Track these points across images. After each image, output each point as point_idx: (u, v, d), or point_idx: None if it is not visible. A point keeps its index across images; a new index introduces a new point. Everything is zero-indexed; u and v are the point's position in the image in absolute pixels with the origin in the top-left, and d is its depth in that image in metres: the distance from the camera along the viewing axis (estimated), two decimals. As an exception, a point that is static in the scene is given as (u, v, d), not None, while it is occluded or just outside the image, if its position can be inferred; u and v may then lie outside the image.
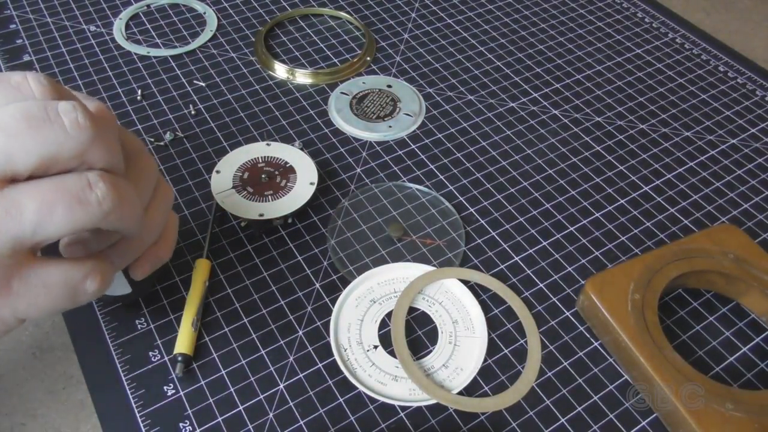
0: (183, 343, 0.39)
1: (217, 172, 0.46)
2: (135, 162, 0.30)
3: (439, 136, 0.54)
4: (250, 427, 0.36)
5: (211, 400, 0.37)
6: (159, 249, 0.34)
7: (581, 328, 0.42)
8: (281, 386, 0.38)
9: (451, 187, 0.50)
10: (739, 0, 0.74)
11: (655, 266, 0.41)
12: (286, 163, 0.47)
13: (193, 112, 0.54)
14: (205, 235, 0.45)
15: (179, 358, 0.38)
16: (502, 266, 0.45)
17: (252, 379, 0.38)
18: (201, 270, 0.42)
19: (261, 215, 0.44)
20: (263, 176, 0.46)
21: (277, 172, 0.47)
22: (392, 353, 0.40)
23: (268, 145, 0.49)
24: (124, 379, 0.38)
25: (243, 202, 0.45)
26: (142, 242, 0.32)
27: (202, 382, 0.38)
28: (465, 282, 0.43)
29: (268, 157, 0.48)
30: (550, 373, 0.40)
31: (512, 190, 0.50)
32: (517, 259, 0.45)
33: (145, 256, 0.33)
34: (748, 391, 0.37)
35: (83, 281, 0.27)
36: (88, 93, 0.55)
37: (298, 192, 0.46)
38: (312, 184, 0.46)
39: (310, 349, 0.40)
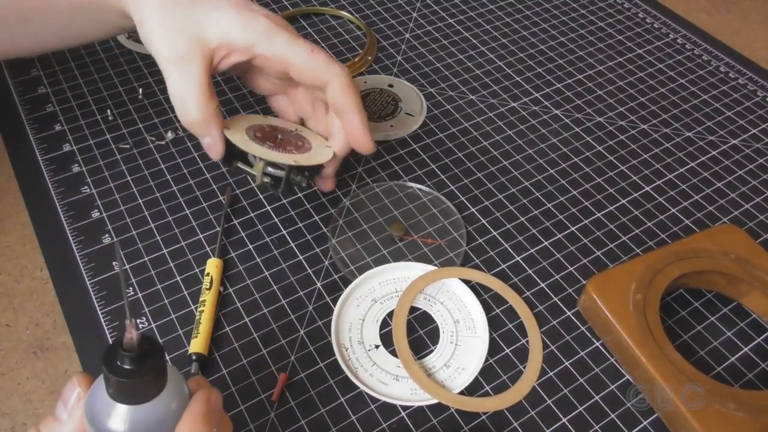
0: (199, 343, 0.39)
1: (227, 128, 0.42)
2: None
3: (441, 135, 0.54)
4: (252, 426, 0.36)
5: (212, 400, 0.37)
6: None
7: (582, 328, 0.42)
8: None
9: (452, 187, 0.50)
10: (740, 1, 0.74)
11: (656, 266, 0.41)
12: (292, 130, 0.45)
13: (194, 111, 0.54)
14: (208, 234, 0.45)
15: (193, 357, 0.38)
16: (503, 266, 0.45)
17: (253, 378, 0.38)
18: (217, 269, 0.42)
19: (296, 162, 0.41)
20: (278, 136, 0.44)
21: (289, 136, 0.44)
22: (393, 353, 0.40)
23: (265, 117, 0.47)
24: (125, 378, 0.38)
25: (269, 152, 0.42)
26: None
27: (204, 382, 0.38)
28: (466, 282, 0.43)
29: (270, 126, 0.45)
30: (551, 373, 0.40)
31: (513, 189, 0.50)
32: (518, 258, 0.45)
33: None
34: (749, 391, 0.37)
35: None
36: (88, 91, 0.55)
37: (318, 150, 0.44)
38: (328, 146, 0.44)
39: (311, 348, 0.40)
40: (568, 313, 0.43)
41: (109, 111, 0.54)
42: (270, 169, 0.42)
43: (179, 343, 0.40)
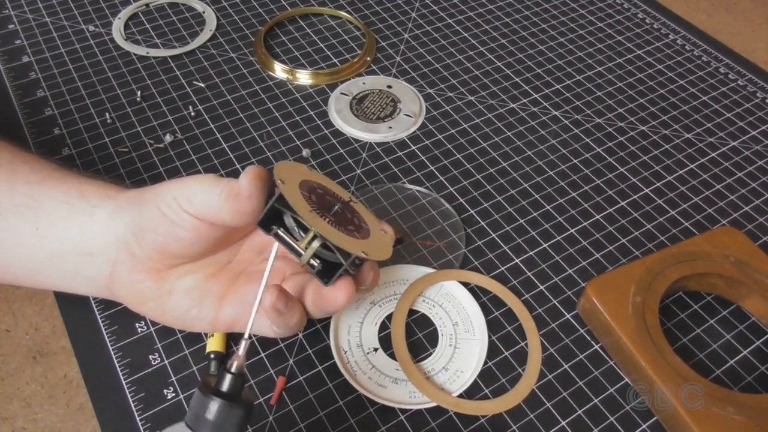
0: (216, 341, 0.39)
1: (282, 181, 0.31)
2: None
3: (440, 137, 0.54)
4: (250, 430, 0.36)
5: (211, 404, 0.37)
6: None
7: (582, 331, 0.42)
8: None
9: (451, 189, 0.50)
10: (739, 2, 0.74)
11: (656, 269, 0.41)
12: (345, 199, 0.36)
13: (192, 113, 0.54)
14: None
15: (212, 356, 0.38)
16: (502, 268, 0.45)
17: (252, 381, 0.38)
18: None
19: (365, 254, 0.31)
20: (336, 206, 0.34)
21: (345, 209, 0.34)
22: (392, 356, 0.40)
23: (310, 170, 0.36)
24: (124, 382, 0.38)
25: (334, 232, 0.31)
26: None
27: (202, 385, 0.38)
28: (465, 284, 0.43)
29: (322, 186, 0.35)
30: (550, 376, 0.40)
31: (512, 191, 0.50)
32: (517, 261, 0.45)
33: None
34: (748, 395, 0.37)
35: None
36: (87, 94, 0.55)
37: (377, 237, 0.34)
38: (384, 231, 0.36)
39: (309, 351, 0.40)
40: (567, 316, 0.43)
41: (107, 114, 0.54)
42: (323, 251, 0.32)
43: (179, 346, 0.40)
